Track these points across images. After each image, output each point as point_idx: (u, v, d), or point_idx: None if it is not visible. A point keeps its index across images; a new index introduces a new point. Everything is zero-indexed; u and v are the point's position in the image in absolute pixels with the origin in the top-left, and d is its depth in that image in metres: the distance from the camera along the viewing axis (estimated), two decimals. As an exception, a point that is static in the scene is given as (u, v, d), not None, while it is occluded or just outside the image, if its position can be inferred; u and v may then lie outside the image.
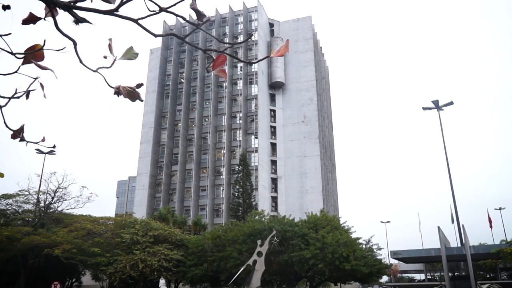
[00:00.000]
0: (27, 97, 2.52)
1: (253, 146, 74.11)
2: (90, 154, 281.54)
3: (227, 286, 31.58)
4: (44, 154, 42.93)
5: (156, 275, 34.81)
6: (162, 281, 42.08)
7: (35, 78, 2.46)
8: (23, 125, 2.61)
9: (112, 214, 70.86)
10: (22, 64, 2.38)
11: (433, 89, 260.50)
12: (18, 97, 2.51)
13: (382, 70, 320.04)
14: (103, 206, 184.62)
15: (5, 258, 32.93)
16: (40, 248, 32.09)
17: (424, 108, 44.59)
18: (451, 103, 43.47)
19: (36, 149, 39.97)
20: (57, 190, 38.23)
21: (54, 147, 2.98)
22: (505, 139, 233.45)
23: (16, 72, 2.43)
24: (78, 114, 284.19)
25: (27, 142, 2.67)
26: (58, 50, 2.42)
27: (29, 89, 2.49)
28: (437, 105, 43.58)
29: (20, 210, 39.61)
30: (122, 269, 31.88)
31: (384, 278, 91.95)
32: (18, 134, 2.56)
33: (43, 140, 2.73)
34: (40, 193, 38.80)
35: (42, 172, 40.36)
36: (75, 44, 2.40)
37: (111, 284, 37.06)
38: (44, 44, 2.36)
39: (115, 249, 33.71)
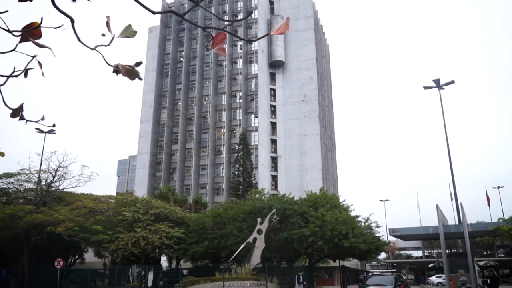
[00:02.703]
0: (26, 75, 2.50)
1: (253, 125, 74.07)
2: (90, 133, 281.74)
3: (228, 263, 32.07)
4: (44, 133, 42.92)
5: (157, 252, 35.30)
6: (163, 258, 42.71)
7: (33, 56, 2.44)
8: (22, 103, 2.60)
9: (113, 193, 71.41)
10: (20, 42, 2.36)
11: (435, 68, 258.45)
12: (16, 76, 2.49)
13: (383, 48, 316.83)
14: (104, 185, 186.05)
15: (8, 236, 33.26)
16: (42, 226, 32.38)
17: (425, 87, 44.27)
18: (452, 82, 43.13)
19: (36, 128, 39.90)
20: (58, 169, 38.32)
21: (54, 126, 2.98)
22: (506, 121, 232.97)
23: (13, 50, 2.41)
24: (78, 92, 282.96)
25: (27, 121, 2.67)
26: (55, 28, 2.39)
27: (27, 67, 2.47)
28: (438, 84, 43.24)
29: (22, 189, 39.78)
30: (124, 246, 32.30)
31: (382, 255, 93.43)
32: (17, 112, 2.56)
33: (42, 119, 2.72)
34: (41, 172, 38.89)
35: (42, 151, 40.44)
36: (72, 21, 2.37)
37: (113, 261, 37.64)
38: (41, 21, 2.33)
39: (116, 227, 34.07)
